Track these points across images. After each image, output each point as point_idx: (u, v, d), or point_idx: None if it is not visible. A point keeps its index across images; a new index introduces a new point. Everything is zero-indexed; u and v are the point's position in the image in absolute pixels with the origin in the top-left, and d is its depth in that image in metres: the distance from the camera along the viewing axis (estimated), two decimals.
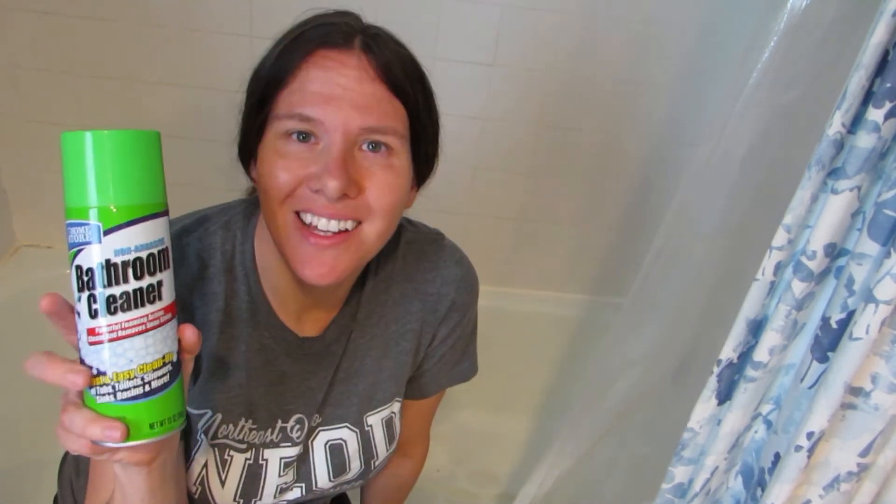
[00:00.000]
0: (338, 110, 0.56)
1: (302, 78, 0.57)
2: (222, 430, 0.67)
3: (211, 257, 0.65)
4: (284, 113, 0.57)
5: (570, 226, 1.54)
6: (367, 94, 0.57)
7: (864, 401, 0.63)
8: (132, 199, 0.44)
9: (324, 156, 0.57)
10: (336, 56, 0.57)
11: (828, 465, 0.67)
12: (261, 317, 0.67)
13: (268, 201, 0.60)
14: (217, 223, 0.68)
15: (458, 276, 0.76)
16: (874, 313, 0.57)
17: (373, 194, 0.59)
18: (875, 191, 0.61)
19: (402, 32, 1.40)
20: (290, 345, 0.68)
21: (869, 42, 0.57)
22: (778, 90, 0.83)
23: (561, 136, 1.43)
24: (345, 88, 0.57)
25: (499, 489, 1.55)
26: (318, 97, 0.56)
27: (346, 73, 0.57)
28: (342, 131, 0.57)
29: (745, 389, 0.69)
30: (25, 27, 1.26)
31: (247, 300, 0.66)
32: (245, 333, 0.66)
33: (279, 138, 0.58)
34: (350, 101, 0.57)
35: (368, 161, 0.59)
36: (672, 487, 0.77)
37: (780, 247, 0.65)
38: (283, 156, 0.58)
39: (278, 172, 0.58)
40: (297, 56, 0.58)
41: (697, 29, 1.32)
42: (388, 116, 0.59)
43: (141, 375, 0.45)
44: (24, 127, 1.35)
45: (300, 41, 0.58)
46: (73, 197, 0.44)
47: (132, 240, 0.44)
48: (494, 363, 1.67)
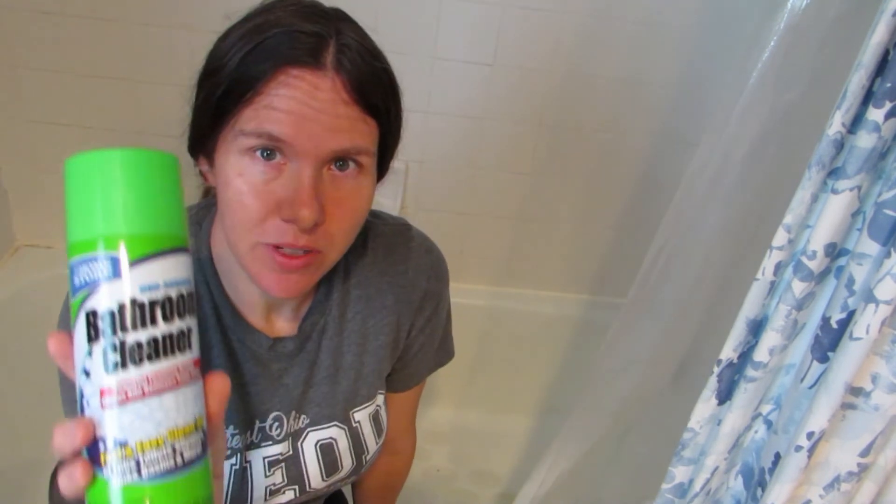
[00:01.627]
0: (310, 134, 0.54)
1: (270, 94, 0.54)
2: None
3: None
4: (252, 130, 0.54)
5: (570, 226, 1.54)
6: (340, 118, 0.55)
7: (865, 401, 0.63)
8: (159, 227, 0.37)
9: (293, 181, 0.55)
10: (307, 75, 0.54)
11: (828, 465, 0.67)
12: (227, 321, 0.66)
13: (234, 226, 0.57)
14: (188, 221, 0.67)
15: (429, 265, 0.76)
16: (874, 313, 0.57)
17: (337, 225, 0.58)
18: (875, 191, 0.61)
19: (402, 32, 1.40)
20: (260, 346, 0.68)
21: (869, 42, 0.57)
22: (778, 90, 0.82)
23: (561, 135, 1.43)
24: (318, 111, 0.54)
25: (499, 489, 1.55)
26: (288, 118, 0.53)
27: (317, 97, 0.54)
28: (313, 156, 0.54)
29: (746, 389, 0.69)
30: (25, 27, 1.26)
31: (210, 306, 0.65)
32: (214, 340, 0.66)
33: (243, 154, 0.55)
34: (323, 124, 0.54)
35: (336, 183, 0.57)
36: (672, 487, 0.77)
37: (780, 247, 0.65)
38: (249, 180, 0.55)
39: (246, 200, 0.55)
40: (263, 70, 0.54)
41: (697, 29, 1.32)
42: (361, 136, 0.57)
43: (171, 443, 0.36)
44: (24, 127, 1.35)
45: (266, 51, 0.54)
46: (87, 227, 0.36)
47: (161, 274, 0.36)
48: (494, 363, 1.67)
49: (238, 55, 0.55)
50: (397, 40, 1.30)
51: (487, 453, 1.62)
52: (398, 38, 1.30)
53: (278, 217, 0.55)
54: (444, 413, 1.66)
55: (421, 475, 1.51)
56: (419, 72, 1.34)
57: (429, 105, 1.37)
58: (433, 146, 1.42)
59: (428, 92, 1.36)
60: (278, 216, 0.55)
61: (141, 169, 0.36)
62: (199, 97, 0.59)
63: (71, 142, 1.33)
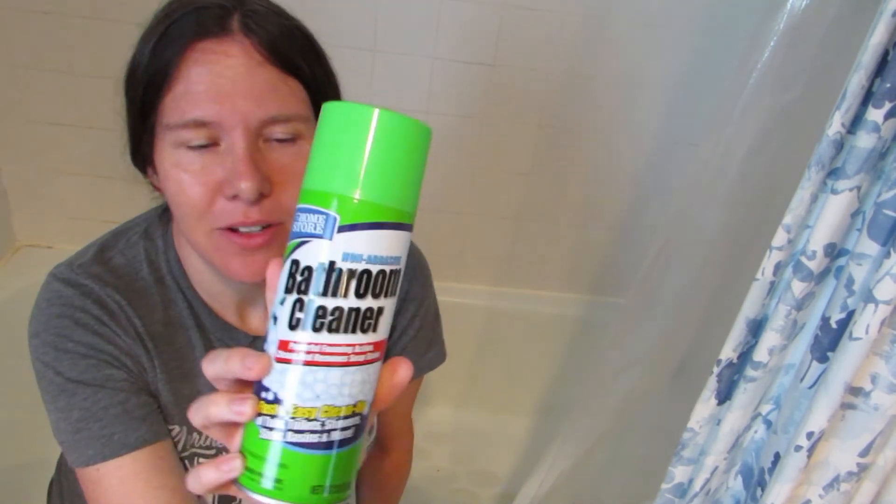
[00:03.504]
0: (232, 107, 0.52)
1: (184, 78, 0.53)
2: (190, 440, 0.66)
3: (138, 270, 0.64)
4: (176, 122, 0.53)
5: (570, 226, 1.54)
6: (259, 82, 0.53)
7: (864, 401, 0.63)
8: (384, 197, 0.34)
9: (229, 157, 0.54)
10: (215, 47, 0.53)
11: (828, 465, 0.67)
12: (205, 321, 0.65)
13: (184, 218, 0.56)
14: (136, 233, 0.66)
15: (411, 268, 0.75)
16: (874, 313, 0.57)
17: (287, 194, 0.56)
18: (875, 191, 0.61)
19: (402, 32, 1.40)
20: (239, 344, 0.67)
21: (869, 42, 0.57)
22: (778, 90, 0.82)
23: (561, 136, 1.43)
24: (234, 81, 0.52)
25: (499, 489, 1.55)
26: (207, 97, 0.52)
27: (230, 65, 0.52)
28: (242, 127, 0.53)
29: (745, 389, 0.69)
30: (25, 27, 1.26)
31: (186, 306, 0.65)
32: (194, 339, 0.65)
33: (176, 149, 0.54)
34: (243, 93, 0.52)
35: (276, 153, 0.56)
36: (672, 487, 0.77)
37: (780, 247, 0.65)
38: (187, 169, 0.54)
39: (187, 189, 0.54)
40: (173, 53, 0.53)
41: (697, 29, 1.32)
42: (287, 101, 0.55)
43: (322, 420, 0.35)
44: (24, 127, 1.35)
45: (172, 35, 0.53)
46: (318, 177, 0.35)
47: (368, 247, 0.34)
48: (494, 363, 1.67)
49: (149, 48, 0.54)
50: (397, 40, 1.30)
51: (487, 453, 1.62)
52: (398, 38, 1.30)
53: (222, 198, 0.55)
54: (444, 413, 1.66)
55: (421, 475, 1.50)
56: (419, 72, 1.34)
57: (429, 105, 1.37)
58: (433, 146, 1.41)
59: (428, 92, 1.36)
60: (223, 196, 0.55)
61: (394, 133, 0.35)
62: (127, 102, 0.59)
63: (71, 142, 1.33)
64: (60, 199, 1.40)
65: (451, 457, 1.60)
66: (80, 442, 0.59)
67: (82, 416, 0.58)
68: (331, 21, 1.27)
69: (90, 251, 0.65)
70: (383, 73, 1.32)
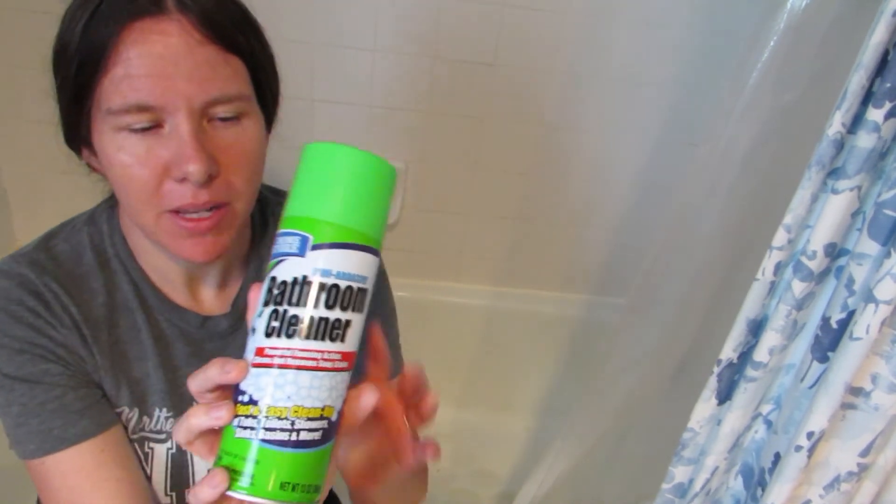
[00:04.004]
0: (175, 89, 0.52)
1: (122, 60, 0.51)
2: (140, 424, 0.66)
3: (81, 255, 0.64)
4: (118, 107, 0.52)
5: (570, 226, 1.54)
6: (199, 62, 0.52)
7: (865, 401, 0.63)
8: (350, 221, 0.39)
9: (174, 140, 0.53)
10: (153, 26, 0.51)
11: (828, 465, 0.67)
12: (151, 302, 0.65)
13: (130, 202, 0.56)
14: (81, 220, 0.66)
15: None
16: (874, 313, 0.57)
17: (234, 174, 0.56)
18: (875, 191, 0.61)
19: (402, 32, 1.40)
20: (189, 325, 0.67)
21: (869, 42, 0.57)
22: (778, 90, 0.82)
23: (561, 136, 1.43)
24: (174, 63, 0.51)
25: (499, 489, 1.55)
26: (149, 81, 0.51)
27: (169, 44, 0.51)
28: (186, 110, 0.52)
29: (745, 389, 0.69)
30: (25, 27, 1.26)
31: (131, 289, 0.64)
32: (139, 321, 0.65)
33: (118, 133, 0.53)
34: (185, 75, 0.52)
35: (221, 133, 0.55)
36: (672, 487, 0.77)
37: (780, 247, 0.65)
38: (131, 153, 0.53)
39: (133, 173, 0.54)
40: (107, 34, 0.51)
41: (697, 29, 1.32)
42: (230, 81, 0.55)
43: (292, 419, 0.39)
44: (24, 127, 1.34)
45: (104, 13, 0.52)
46: (295, 206, 0.40)
47: (336, 264, 0.39)
48: (494, 363, 1.67)
49: (79, 26, 0.53)
50: (397, 40, 1.30)
51: (487, 453, 1.62)
52: (398, 37, 1.30)
53: (170, 180, 0.54)
54: (444, 413, 1.65)
55: None
56: (419, 72, 1.34)
57: (429, 105, 1.37)
58: (433, 146, 1.42)
59: (428, 92, 1.36)
60: (170, 178, 0.54)
61: (361, 167, 0.40)
62: (57, 83, 0.57)
63: None
64: (60, 199, 1.40)
65: (451, 457, 1.60)
66: (21, 436, 0.59)
67: (21, 412, 0.59)
68: (331, 22, 1.27)
69: (35, 240, 0.65)
70: (383, 72, 1.32)
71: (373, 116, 1.37)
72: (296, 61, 1.29)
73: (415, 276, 1.53)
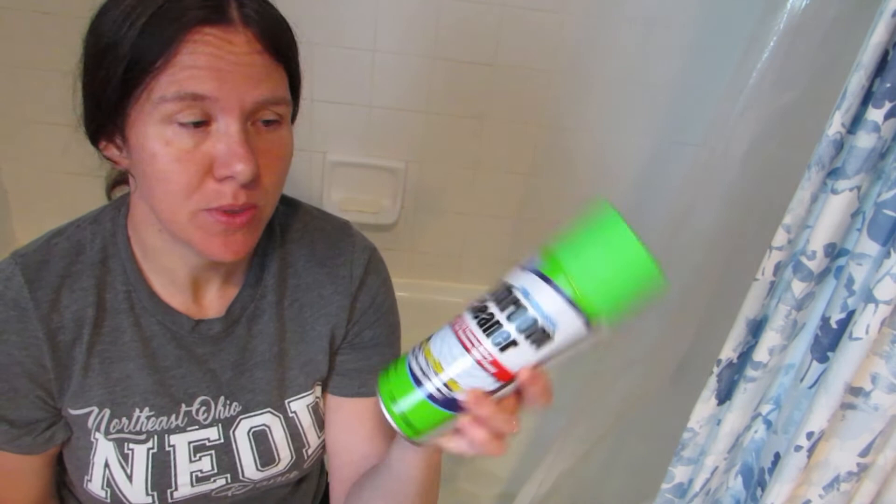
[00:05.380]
0: (233, 86, 0.54)
1: (184, 58, 0.54)
2: (115, 424, 0.67)
3: (79, 252, 0.65)
4: (174, 94, 0.54)
5: None
6: (257, 67, 0.56)
7: (864, 401, 0.63)
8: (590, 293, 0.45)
9: (224, 138, 0.55)
10: (219, 34, 0.54)
11: (828, 465, 0.67)
12: (144, 304, 0.66)
13: (167, 196, 0.57)
14: (87, 219, 0.67)
15: (367, 260, 0.76)
16: (874, 313, 0.57)
17: (269, 177, 0.59)
18: (875, 191, 0.61)
19: (402, 32, 1.40)
20: (181, 328, 0.68)
21: (869, 42, 0.57)
22: (778, 90, 0.83)
23: (561, 135, 1.43)
24: (236, 64, 0.55)
25: (499, 489, 1.55)
26: (209, 74, 0.54)
27: (235, 51, 0.55)
28: (239, 108, 0.55)
29: (745, 389, 0.69)
30: (25, 27, 1.26)
31: (123, 290, 0.65)
32: (125, 324, 0.66)
33: (166, 123, 0.55)
34: (243, 75, 0.55)
35: (261, 137, 0.58)
36: (672, 487, 0.77)
37: (780, 247, 0.65)
38: (178, 145, 0.55)
39: (179, 167, 0.55)
40: (170, 37, 0.53)
41: (697, 29, 1.32)
42: (278, 86, 0.58)
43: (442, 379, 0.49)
44: (24, 127, 1.35)
45: (168, 16, 0.54)
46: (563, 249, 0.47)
47: (548, 305, 0.46)
48: None
49: (136, 25, 0.54)
50: (397, 40, 1.30)
51: None
52: (398, 37, 1.30)
53: (213, 179, 0.56)
54: None
55: None
56: (419, 71, 1.34)
57: (429, 105, 1.37)
58: (433, 146, 1.42)
59: (428, 91, 1.36)
60: (213, 178, 0.56)
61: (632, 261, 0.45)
62: (96, 77, 0.58)
63: (71, 142, 1.32)
64: (60, 199, 1.40)
65: (451, 457, 1.60)
66: None
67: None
68: (331, 22, 1.27)
69: (42, 237, 0.66)
70: (384, 72, 1.32)
71: (373, 116, 1.37)
72: None
73: (415, 276, 1.53)
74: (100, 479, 0.67)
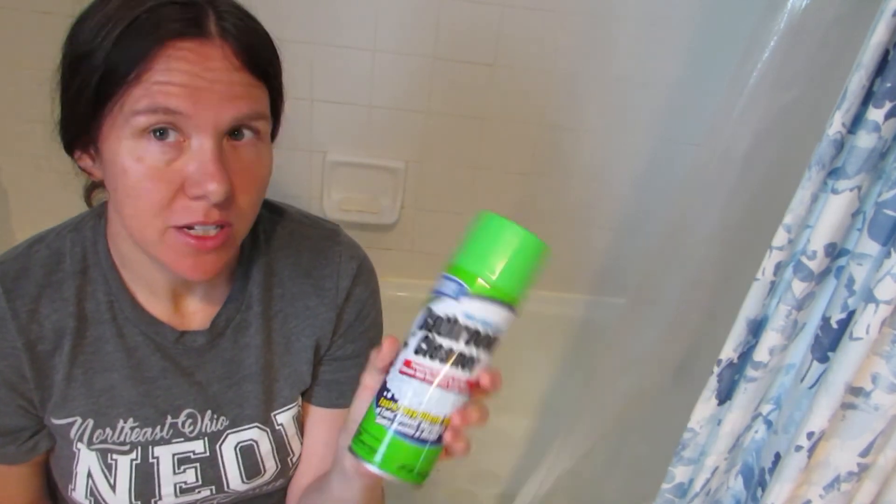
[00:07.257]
0: (207, 104, 0.52)
1: (158, 72, 0.52)
2: (98, 434, 0.66)
3: (59, 261, 0.63)
4: (145, 107, 0.52)
5: (570, 226, 1.54)
6: (234, 84, 0.54)
7: (865, 401, 0.63)
8: (505, 284, 0.49)
9: (197, 156, 0.53)
10: (195, 48, 0.53)
11: (828, 465, 0.67)
12: (127, 314, 0.65)
13: (137, 213, 0.55)
14: (68, 227, 0.66)
15: (355, 270, 0.74)
16: (874, 313, 0.57)
17: (244, 196, 0.57)
18: (875, 191, 0.61)
19: (402, 32, 1.40)
20: (165, 339, 0.66)
21: (869, 42, 0.57)
22: (778, 90, 0.83)
23: (561, 136, 1.43)
24: (211, 82, 0.53)
25: (499, 489, 1.55)
26: (182, 91, 0.52)
27: (210, 67, 0.53)
28: (213, 126, 0.53)
29: (746, 389, 0.69)
30: (25, 27, 1.26)
31: (105, 300, 0.64)
32: (108, 334, 0.64)
33: (136, 137, 0.53)
34: (219, 93, 0.53)
35: (237, 153, 0.56)
36: (672, 487, 0.77)
37: (781, 247, 0.65)
38: (149, 162, 0.53)
39: (149, 184, 0.53)
40: (145, 49, 0.52)
41: (697, 29, 1.32)
42: (256, 102, 0.56)
43: (420, 421, 0.49)
44: (24, 127, 1.34)
45: (143, 27, 0.52)
46: (465, 261, 0.50)
47: (481, 313, 0.49)
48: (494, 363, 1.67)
49: (111, 35, 0.53)
50: (397, 40, 1.30)
51: (487, 453, 1.62)
52: (398, 37, 1.30)
53: (185, 197, 0.54)
54: None
55: None
56: (419, 72, 1.34)
57: (429, 105, 1.37)
58: (433, 146, 1.42)
59: (428, 92, 1.36)
60: (185, 195, 0.54)
61: (525, 246, 0.50)
62: (71, 86, 0.56)
63: None
64: (60, 199, 1.39)
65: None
66: None
67: None
68: (331, 22, 1.27)
69: (22, 245, 0.65)
70: (384, 72, 1.32)
71: (373, 116, 1.37)
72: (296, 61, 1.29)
73: (415, 276, 1.53)
74: (83, 488, 0.66)
